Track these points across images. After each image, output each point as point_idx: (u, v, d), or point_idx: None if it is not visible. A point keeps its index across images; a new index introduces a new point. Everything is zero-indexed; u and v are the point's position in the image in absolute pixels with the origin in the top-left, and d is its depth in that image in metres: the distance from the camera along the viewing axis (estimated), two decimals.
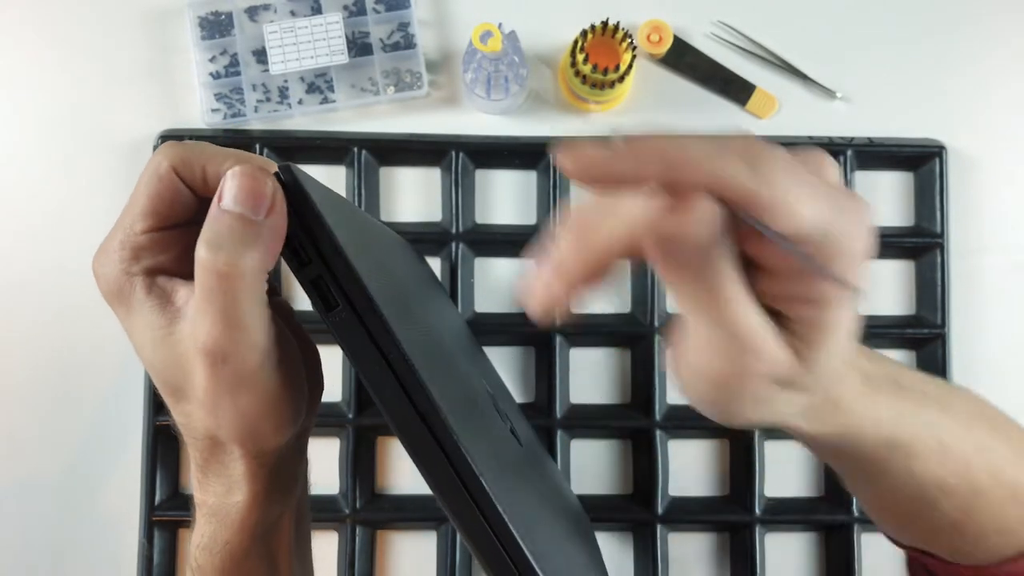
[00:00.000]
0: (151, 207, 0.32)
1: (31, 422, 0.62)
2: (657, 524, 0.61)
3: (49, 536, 0.62)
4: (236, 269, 0.29)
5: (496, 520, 0.30)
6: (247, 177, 0.30)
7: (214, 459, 0.34)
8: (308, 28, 0.63)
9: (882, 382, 0.35)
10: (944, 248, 0.63)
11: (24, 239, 0.63)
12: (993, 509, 0.37)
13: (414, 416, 0.30)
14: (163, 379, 0.34)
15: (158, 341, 0.32)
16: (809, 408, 0.32)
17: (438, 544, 0.61)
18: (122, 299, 0.33)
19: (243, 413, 0.32)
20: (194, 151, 0.33)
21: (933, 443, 0.35)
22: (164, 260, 0.33)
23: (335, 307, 0.30)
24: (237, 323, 0.30)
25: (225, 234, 0.30)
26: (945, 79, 0.66)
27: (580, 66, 0.59)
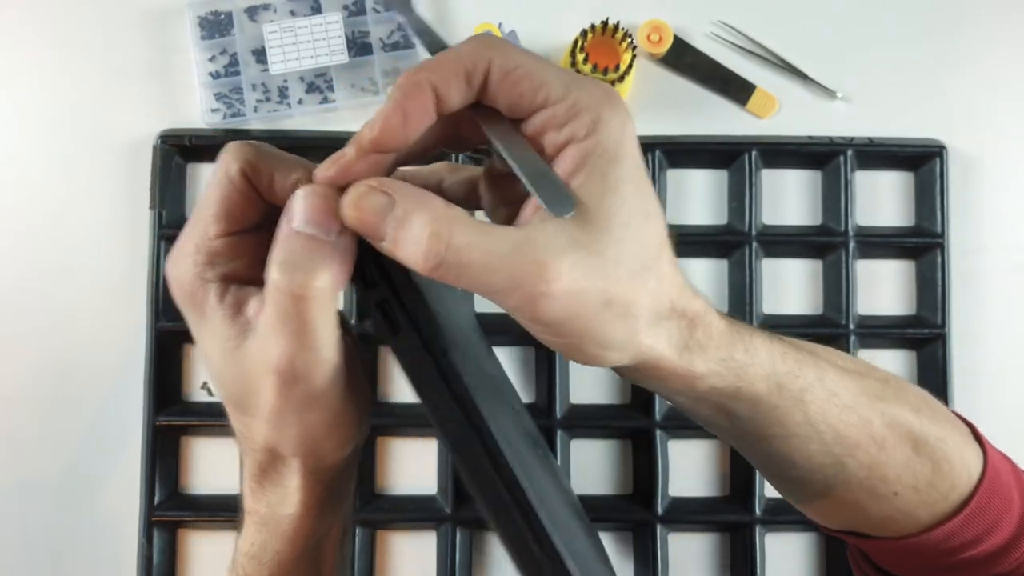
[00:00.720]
0: (223, 211, 0.32)
1: (31, 422, 0.62)
2: (657, 524, 0.61)
3: (49, 536, 0.62)
4: (309, 291, 0.29)
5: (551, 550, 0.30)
6: (318, 197, 0.30)
7: (271, 470, 0.34)
8: (308, 28, 0.63)
9: (746, 325, 0.35)
10: (944, 248, 0.63)
11: (24, 239, 0.63)
12: (899, 462, 0.37)
13: (479, 447, 0.30)
14: (227, 390, 0.33)
15: (226, 353, 0.32)
16: (670, 330, 0.31)
17: (438, 544, 0.61)
18: (195, 305, 0.33)
19: (309, 430, 0.32)
20: (262, 156, 0.32)
21: (821, 389, 0.35)
22: (237, 266, 0.33)
23: (399, 331, 0.30)
24: (309, 344, 0.30)
25: (298, 255, 0.30)
26: (945, 79, 0.65)
27: (580, 66, 0.59)
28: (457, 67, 0.30)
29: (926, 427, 0.37)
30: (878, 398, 0.37)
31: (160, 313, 0.61)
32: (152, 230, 0.61)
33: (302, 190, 0.31)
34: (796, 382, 0.35)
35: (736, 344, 0.34)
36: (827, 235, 0.64)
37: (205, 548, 0.62)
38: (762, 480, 0.61)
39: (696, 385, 0.33)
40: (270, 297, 0.30)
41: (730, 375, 0.33)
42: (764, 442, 0.37)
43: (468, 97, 0.30)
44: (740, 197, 0.63)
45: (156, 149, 0.62)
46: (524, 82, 0.30)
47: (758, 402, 0.34)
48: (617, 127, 0.30)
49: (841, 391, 0.36)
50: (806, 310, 0.64)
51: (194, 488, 0.63)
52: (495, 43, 0.30)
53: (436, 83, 0.30)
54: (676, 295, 0.32)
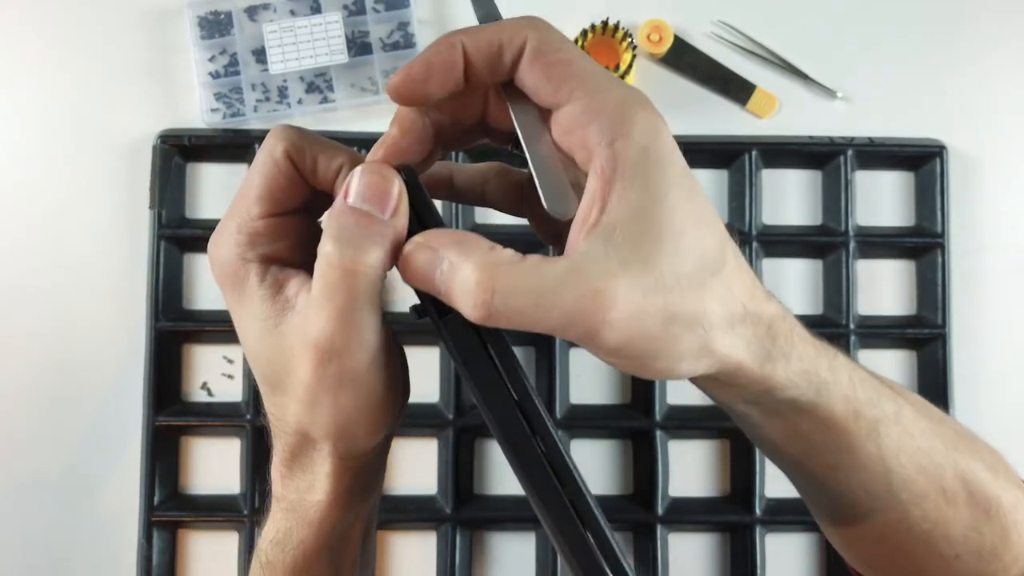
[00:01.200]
0: (266, 191, 0.32)
1: (31, 422, 0.62)
2: (657, 524, 0.61)
3: (49, 536, 0.61)
4: (360, 266, 0.29)
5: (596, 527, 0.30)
6: (376, 175, 0.30)
7: (302, 454, 0.34)
8: (307, 27, 0.63)
9: (836, 348, 0.34)
10: (945, 248, 0.63)
11: (24, 239, 0.63)
12: (965, 522, 0.34)
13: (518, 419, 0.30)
14: (263, 370, 0.33)
15: (265, 331, 0.32)
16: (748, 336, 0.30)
17: (438, 544, 0.61)
18: (235, 284, 0.33)
19: (341, 412, 0.32)
20: (307, 139, 0.32)
21: (897, 426, 0.33)
22: (279, 248, 0.33)
23: (447, 313, 0.30)
24: (352, 321, 0.30)
25: (351, 230, 0.29)
26: (945, 79, 0.65)
27: None
28: (492, 36, 0.30)
29: (1001, 489, 0.34)
30: (953, 448, 0.34)
31: (160, 313, 0.61)
32: (152, 230, 0.61)
33: (360, 168, 0.31)
34: (873, 411, 0.32)
35: (820, 359, 0.32)
36: (827, 235, 0.64)
37: (205, 548, 0.62)
38: (762, 480, 0.61)
39: (774, 395, 0.31)
40: (319, 271, 0.30)
41: (810, 390, 0.31)
42: (829, 471, 0.34)
43: (498, 70, 0.30)
44: (740, 197, 0.63)
45: (156, 149, 0.62)
46: (556, 68, 0.29)
47: (832, 425, 0.32)
48: (650, 128, 0.28)
49: (917, 432, 0.33)
50: (806, 310, 0.64)
51: (194, 488, 0.63)
52: (539, 23, 0.30)
53: (468, 46, 0.30)
54: (748, 298, 0.30)
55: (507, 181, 0.36)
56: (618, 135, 0.28)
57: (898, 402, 0.34)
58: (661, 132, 0.29)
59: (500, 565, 0.62)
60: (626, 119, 0.28)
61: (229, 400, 0.63)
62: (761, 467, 0.61)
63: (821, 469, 0.34)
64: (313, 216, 0.34)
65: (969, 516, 0.34)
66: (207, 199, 0.64)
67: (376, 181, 0.30)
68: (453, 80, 0.30)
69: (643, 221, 0.27)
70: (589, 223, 0.28)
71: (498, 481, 0.63)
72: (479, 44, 0.30)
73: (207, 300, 0.64)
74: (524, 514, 0.61)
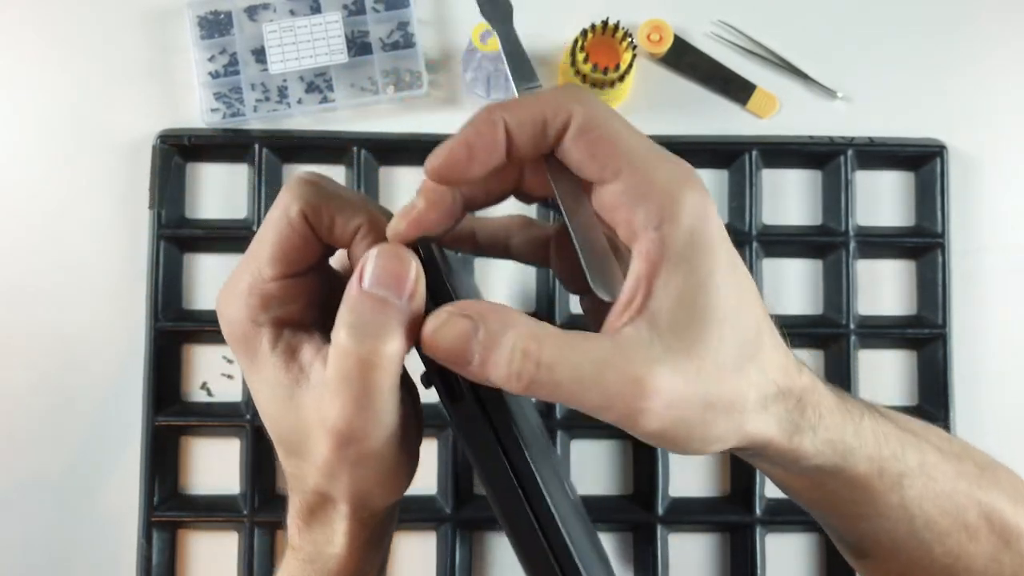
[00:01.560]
0: (280, 252, 0.31)
1: (31, 422, 0.62)
2: (657, 524, 0.61)
3: (49, 536, 0.61)
4: (377, 358, 0.28)
5: None
6: (393, 259, 0.29)
7: (320, 511, 0.34)
8: (307, 27, 0.63)
9: (856, 401, 0.34)
10: (945, 248, 0.63)
11: (24, 239, 0.63)
12: (987, 555, 0.35)
13: (529, 522, 0.29)
14: (279, 435, 0.33)
15: (279, 400, 0.31)
16: (779, 413, 0.30)
17: (438, 544, 0.61)
18: (247, 348, 0.32)
19: (360, 483, 0.32)
20: (324, 197, 0.31)
21: (921, 475, 0.34)
22: (291, 310, 0.32)
23: (460, 399, 0.30)
24: (371, 408, 0.29)
25: (368, 319, 0.28)
26: (946, 79, 0.65)
27: (580, 66, 0.59)
28: (536, 112, 0.29)
29: (1021, 519, 0.36)
30: (976, 485, 0.35)
31: (160, 313, 0.61)
32: (152, 230, 0.61)
33: (374, 251, 0.29)
34: (897, 465, 0.33)
35: (847, 425, 0.32)
36: (827, 235, 0.64)
37: (204, 548, 0.62)
38: (762, 480, 0.61)
39: (800, 463, 0.32)
40: (335, 359, 0.29)
41: (836, 456, 0.32)
42: (854, 520, 0.35)
43: (541, 146, 0.29)
44: (740, 197, 0.63)
45: (156, 149, 0.62)
46: (601, 145, 0.28)
47: (857, 484, 0.33)
48: (698, 212, 0.27)
49: (939, 476, 0.34)
50: (806, 310, 0.64)
51: (193, 488, 0.63)
52: (583, 96, 0.29)
53: (510, 124, 0.29)
54: (781, 376, 0.30)
55: (532, 235, 0.35)
56: (665, 219, 0.27)
57: (922, 449, 0.34)
58: (709, 215, 0.28)
59: (500, 565, 0.62)
60: (674, 201, 0.27)
61: (229, 400, 0.63)
62: None
63: (845, 518, 0.36)
64: (326, 271, 0.34)
65: (991, 548, 0.35)
66: (207, 199, 0.64)
67: (392, 265, 0.29)
68: (495, 159, 0.29)
69: (688, 309, 0.27)
70: (634, 307, 0.28)
71: None
72: (522, 121, 0.28)
73: (207, 300, 0.64)
74: None
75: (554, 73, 0.65)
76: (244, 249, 0.64)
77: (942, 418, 0.62)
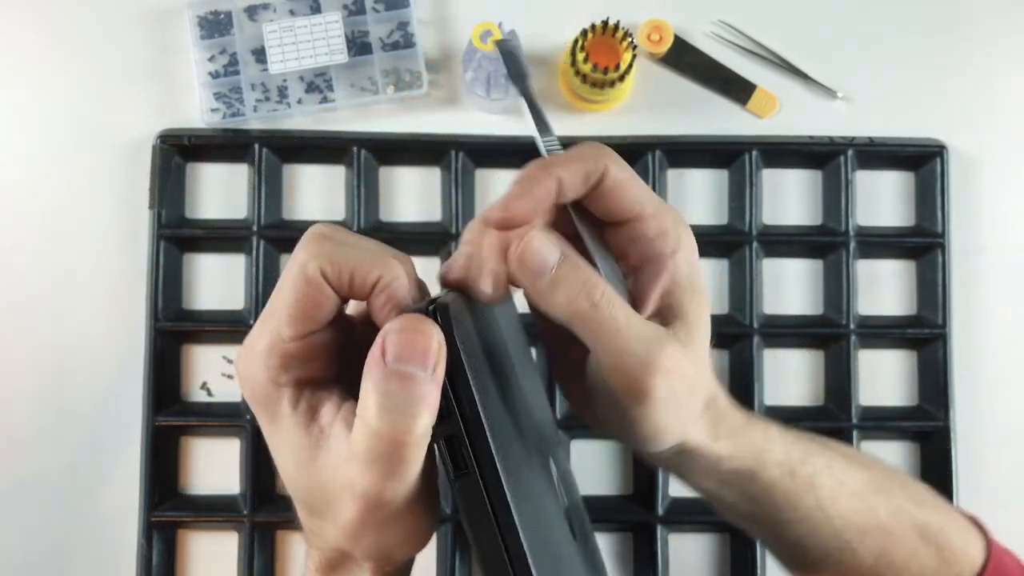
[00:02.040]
0: (299, 312, 0.31)
1: (31, 422, 0.62)
2: (657, 524, 0.61)
3: (49, 536, 0.61)
4: (411, 436, 0.29)
5: None
6: (413, 333, 0.29)
7: (341, 567, 0.34)
8: (307, 27, 0.63)
9: (766, 420, 0.39)
10: (945, 248, 0.63)
11: (24, 239, 0.63)
12: (905, 550, 0.39)
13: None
14: (300, 495, 0.33)
15: (301, 463, 0.32)
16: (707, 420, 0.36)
17: (437, 544, 0.61)
18: (267, 408, 0.32)
19: (384, 543, 0.32)
20: (342, 252, 0.31)
21: (829, 476, 0.39)
22: (311, 368, 0.32)
23: (463, 470, 0.30)
24: (401, 478, 0.30)
25: (396, 397, 0.29)
26: (946, 79, 0.65)
27: (580, 65, 0.59)
28: (580, 168, 0.34)
29: (929, 516, 0.40)
30: (884, 489, 0.40)
31: (160, 313, 0.61)
32: (152, 230, 0.61)
33: (395, 323, 0.29)
34: (806, 468, 0.38)
35: (755, 431, 0.38)
36: (827, 235, 0.63)
37: (204, 548, 0.62)
38: None
39: (721, 467, 0.37)
40: (366, 437, 0.29)
41: (750, 459, 0.37)
42: (780, 526, 0.39)
43: (580, 195, 0.34)
44: (740, 197, 0.63)
45: (156, 149, 0.62)
46: (628, 194, 0.35)
47: (773, 485, 0.38)
48: (692, 246, 0.35)
49: (848, 480, 0.39)
50: (806, 310, 0.64)
51: (193, 488, 0.63)
52: (611, 153, 0.35)
53: (562, 177, 0.33)
54: (713, 385, 0.36)
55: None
56: (677, 248, 0.35)
57: (828, 455, 0.40)
58: (695, 247, 0.36)
59: None
60: (680, 236, 0.35)
61: (229, 400, 0.63)
62: None
63: (773, 525, 0.40)
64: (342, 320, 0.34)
65: (907, 543, 0.39)
66: (207, 199, 0.64)
67: (415, 340, 0.29)
68: (548, 207, 0.34)
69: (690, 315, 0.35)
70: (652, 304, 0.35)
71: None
72: (571, 174, 0.34)
73: (207, 300, 0.64)
74: None
75: (554, 73, 0.65)
76: (244, 249, 0.65)
77: (942, 418, 0.62)
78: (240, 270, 0.63)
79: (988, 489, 0.62)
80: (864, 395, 0.63)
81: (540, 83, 0.64)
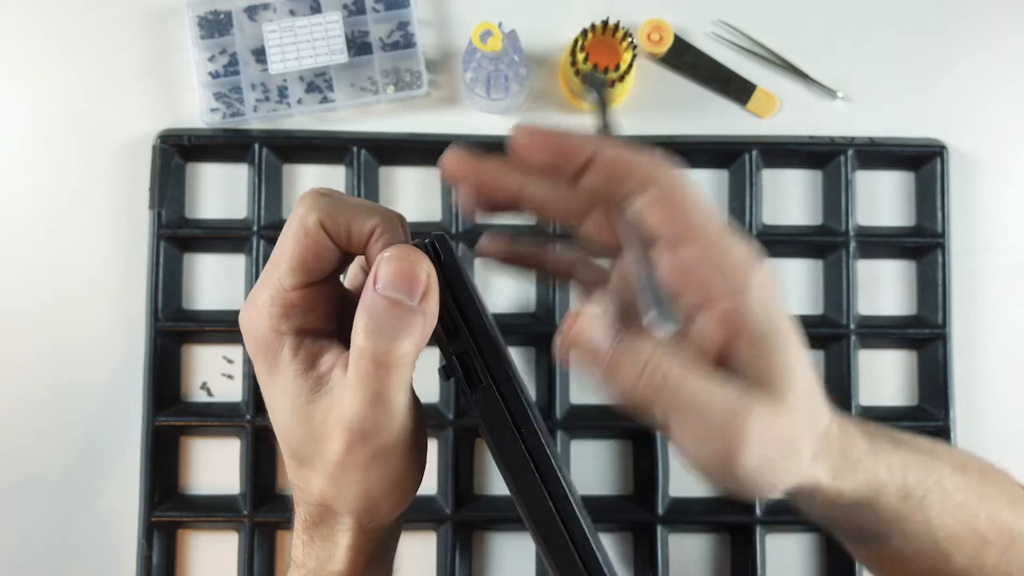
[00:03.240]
0: (300, 262, 0.32)
1: (31, 422, 0.62)
2: (657, 524, 0.61)
3: (49, 536, 0.61)
4: (393, 357, 0.30)
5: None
6: (402, 261, 0.30)
7: (323, 525, 0.35)
8: (307, 27, 0.63)
9: (878, 434, 0.37)
10: (945, 248, 0.63)
11: (24, 239, 0.63)
12: (996, 556, 0.38)
13: (544, 501, 0.31)
14: (291, 444, 0.34)
15: (296, 408, 0.32)
16: (825, 459, 0.33)
17: (438, 544, 0.61)
18: (268, 357, 0.33)
19: (368, 489, 0.33)
20: (338, 205, 0.32)
21: (939, 491, 0.37)
22: (312, 318, 0.33)
23: (478, 384, 0.31)
24: (386, 406, 0.31)
25: (383, 320, 0.30)
26: (946, 79, 0.65)
27: (580, 65, 0.59)
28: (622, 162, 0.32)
29: (1019, 519, 0.39)
30: (981, 493, 0.39)
31: (160, 313, 0.61)
32: (152, 230, 0.61)
33: (386, 255, 0.31)
34: (920, 489, 0.36)
35: (879, 464, 0.35)
36: (828, 235, 0.63)
37: (204, 548, 0.62)
38: None
39: (838, 502, 0.35)
40: (354, 361, 0.30)
41: (870, 492, 0.35)
42: (883, 541, 0.38)
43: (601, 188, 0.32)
44: (740, 197, 0.63)
45: (155, 149, 0.62)
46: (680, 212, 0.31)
47: (887, 512, 0.36)
48: (762, 280, 0.31)
49: (953, 489, 0.38)
50: (806, 310, 0.64)
51: (193, 488, 0.63)
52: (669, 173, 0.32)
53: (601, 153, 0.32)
54: (828, 424, 0.34)
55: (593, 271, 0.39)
56: (743, 287, 0.31)
57: (937, 468, 0.38)
58: (775, 290, 0.32)
59: (500, 565, 0.62)
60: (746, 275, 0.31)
61: (229, 400, 0.63)
62: None
63: (874, 541, 0.39)
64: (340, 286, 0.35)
65: (998, 549, 0.38)
66: (207, 199, 0.64)
67: (403, 267, 0.30)
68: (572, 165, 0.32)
69: (770, 368, 0.31)
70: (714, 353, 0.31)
71: (498, 481, 0.63)
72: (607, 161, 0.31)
73: (207, 300, 0.64)
74: None
75: (554, 73, 0.65)
76: (244, 249, 0.64)
77: (942, 418, 0.62)
78: (240, 270, 0.63)
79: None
80: (864, 395, 0.63)
81: (540, 83, 0.64)
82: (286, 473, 0.35)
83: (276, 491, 0.62)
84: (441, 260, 0.31)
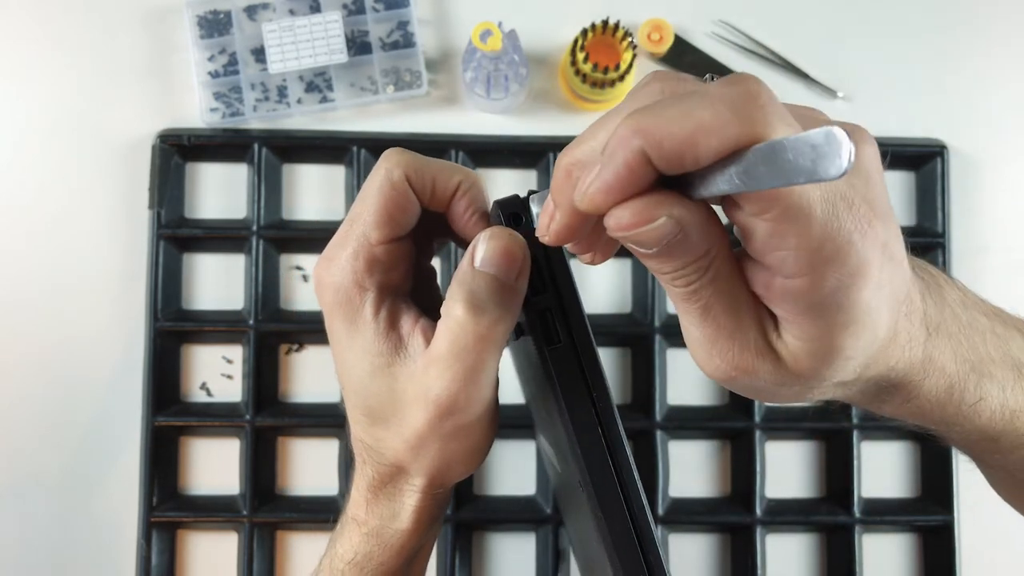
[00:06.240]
0: (386, 215, 0.32)
1: (31, 422, 0.62)
2: (658, 524, 0.61)
3: (49, 536, 0.61)
4: (493, 333, 0.30)
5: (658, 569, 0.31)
6: (505, 240, 0.30)
7: (391, 485, 0.35)
8: (307, 27, 0.63)
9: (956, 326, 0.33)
10: (945, 248, 0.63)
11: (23, 239, 0.63)
12: None
13: (608, 466, 0.31)
14: (368, 402, 0.33)
15: (375, 369, 0.32)
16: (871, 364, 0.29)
17: (437, 544, 0.61)
18: (348, 312, 0.32)
19: (447, 458, 0.33)
20: (423, 161, 0.33)
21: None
22: (394, 276, 0.33)
23: (556, 341, 0.31)
24: (477, 383, 0.31)
25: (483, 296, 0.30)
26: (946, 79, 0.65)
27: (580, 65, 0.59)
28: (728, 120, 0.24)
29: None
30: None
31: (159, 313, 0.61)
32: (151, 230, 0.61)
33: (487, 231, 0.31)
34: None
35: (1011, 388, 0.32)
36: None
37: (204, 549, 0.62)
38: (762, 480, 0.61)
39: (974, 421, 0.32)
40: (449, 332, 0.30)
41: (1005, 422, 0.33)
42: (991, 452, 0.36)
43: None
44: None
45: (155, 149, 0.62)
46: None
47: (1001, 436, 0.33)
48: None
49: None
50: None
51: (193, 489, 0.63)
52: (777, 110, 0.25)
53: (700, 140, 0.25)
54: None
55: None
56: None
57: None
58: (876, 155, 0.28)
59: (500, 565, 0.62)
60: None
61: (228, 400, 0.63)
62: (761, 467, 0.61)
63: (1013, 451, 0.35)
64: (422, 238, 0.35)
65: None
66: (207, 199, 0.64)
67: (505, 247, 0.30)
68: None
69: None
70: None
71: (498, 481, 0.63)
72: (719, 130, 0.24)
73: (207, 300, 0.64)
74: (524, 515, 0.61)
75: (554, 73, 0.65)
76: (244, 249, 0.64)
77: None
78: (240, 270, 0.63)
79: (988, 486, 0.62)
80: None
81: (540, 83, 0.64)
82: (350, 428, 0.35)
83: (276, 491, 0.62)
84: (528, 215, 0.32)
